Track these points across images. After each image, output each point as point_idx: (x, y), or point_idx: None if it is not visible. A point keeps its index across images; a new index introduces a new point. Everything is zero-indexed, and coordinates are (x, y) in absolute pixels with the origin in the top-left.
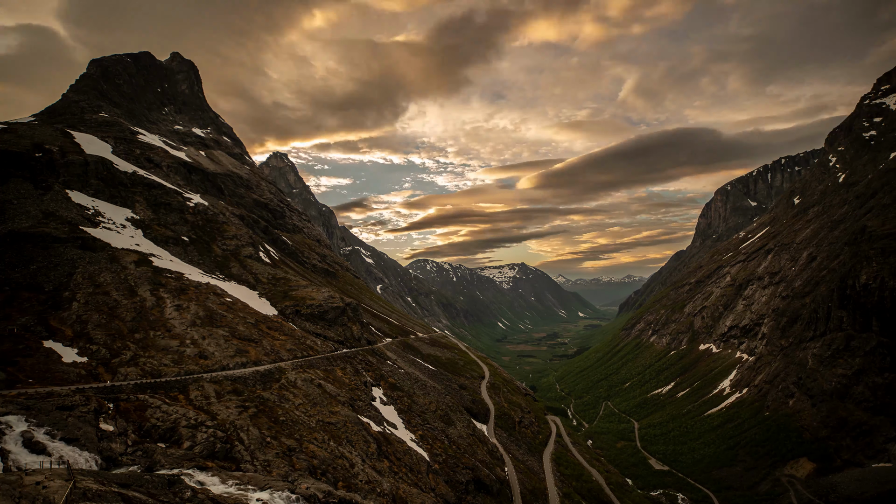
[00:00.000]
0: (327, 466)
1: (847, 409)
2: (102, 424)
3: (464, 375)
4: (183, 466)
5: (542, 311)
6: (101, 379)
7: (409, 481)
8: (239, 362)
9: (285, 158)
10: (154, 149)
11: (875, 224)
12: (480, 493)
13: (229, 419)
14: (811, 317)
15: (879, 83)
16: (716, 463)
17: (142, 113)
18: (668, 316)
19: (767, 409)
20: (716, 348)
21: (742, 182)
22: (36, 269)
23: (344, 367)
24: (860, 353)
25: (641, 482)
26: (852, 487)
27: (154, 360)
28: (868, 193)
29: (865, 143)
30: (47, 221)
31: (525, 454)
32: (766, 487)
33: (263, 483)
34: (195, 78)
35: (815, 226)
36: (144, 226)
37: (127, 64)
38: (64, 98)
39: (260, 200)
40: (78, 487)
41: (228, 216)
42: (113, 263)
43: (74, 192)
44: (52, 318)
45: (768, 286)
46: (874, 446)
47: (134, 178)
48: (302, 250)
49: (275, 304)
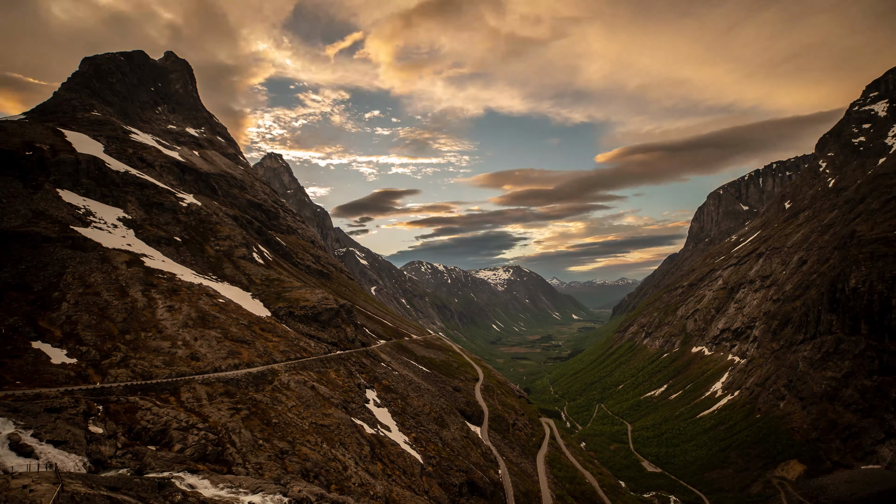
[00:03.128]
0: (320, 469)
1: (836, 412)
2: (92, 427)
3: (458, 377)
4: (173, 469)
5: (537, 314)
6: (90, 380)
7: (403, 484)
8: (231, 364)
9: (280, 159)
10: (147, 148)
11: (864, 229)
12: (474, 495)
13: (221, 421)
14: (801, 320)
15: (868, 90)
16: (708, 465)
17: (135, 112)
18: (661, 319)
19: (758, 411)
20: (708, 351)
21: (734, 186)
22: (25, 268)
23: (338, 369)
24: (849, 356)
25: (634, 484)
26: (842, 489)
27: (145, 361)
28: (857, 198)
29: (854, 148)
30: (37, 221)
31: (519, 456)
32: (757, 489)
33: (255, 486)
34: (189, 77)
35: (806, 230)
36: (136, 226)
37: (120, 62)
38: (56, 96)
39: (254, 201)
40: (66, 491)
41: (222, 217)
42: (104, 264)
43: (65, 191)
44: (41, 318)
45: (760, 290)
46: (863, 448)
47: (126, 177)
48: (296, 251)
49: (268, 306)
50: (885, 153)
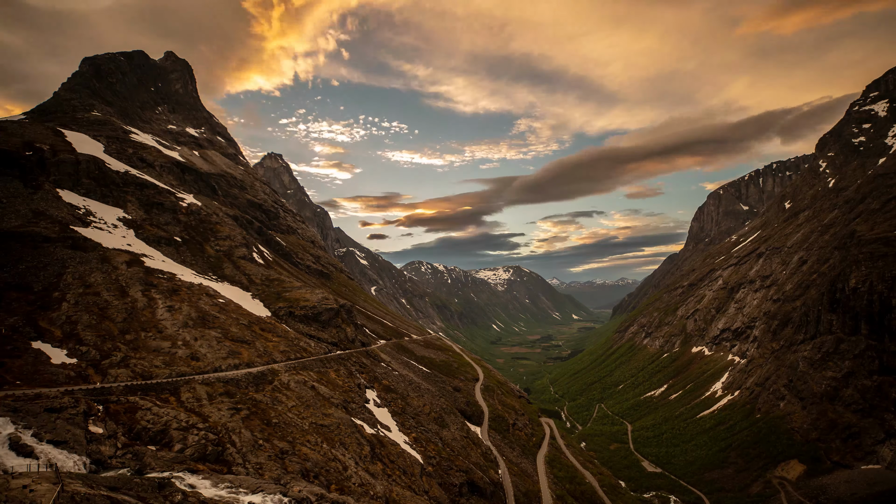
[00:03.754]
0: (320, 469)
1: (836, 412)
2: (92, 427)
3: (458, 377)
4: (174, 469)
5: (537, 314)
6: (90, 380)
7: (403, 484)
8: (231, 364)
9: (280, 159)
10: (147, 148)
11: (864, 229)
12: (474, 495)
13: (221, 421)
14: (802, 320)
15: (868, 90)
16: (708, 465)
17: (135, 112)
18: (661, 319)
19: (759, 411)
20: (708, 351)
21: (734, 186)
22: (25, 268)
23: (338, 369)
24: (849, 356)
25: (634, 484)
26: (842, 489)
27: (145, 361)
28: (857, 198)
29: (855, 148)
30: (37, 221)
31: (519, 456)
32: (757, 489)
33: (255, 486)
34: (189, 77)
35: (806, 230)
36: (136, 226)
37: (120, 62)
38: (55, 96)
39: (254, 201)
40: (66, 491)
41: (222, 217)
42: (104, 264)
43: (65, 191)
44: (41, 318)
45: (760, 289)
46: (863, 448)
47: (126, 177)
48: (296, 251)
49: (268, 306)
50: (886, 153)
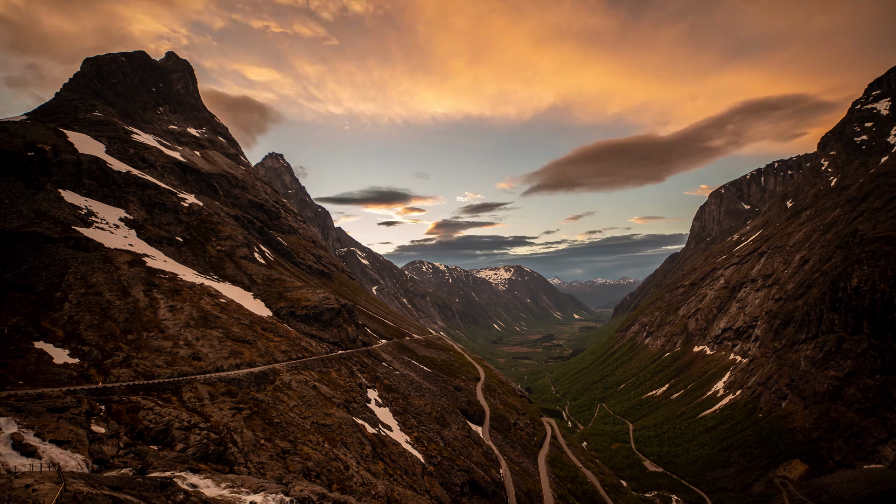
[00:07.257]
0: (322, 468)
1: (839, 411)
2: (94, 426)
3: (459, 377)
4: (175, 469)
5: (538, 313)
6: (92, 380)
7: (404, 483)
8: (233, 364)
9: (281, 159)
10: (148, 148)
11: (866, 227)
12: (475, 495)
13: (223, 421)
14: (804, 319)
15: (871, 88)
16: (710, 464)
17: (136, 112)
18: (663, 318)
19: (761, 410)
20: (710, 350)
21: (735, 185)
22: (27, 269)
23: (339, 369)
24: (852, 356)
25: (636, 484)
26: (844, 489)
27: (147, 361)
28: (859, 197)
29: (857, 147)
30: (39, 221)
31: (520, 456)
32: (759, 489)
33: (257, 485)
34: (190, 78)
35: (808, 229)
36: (138, 226)
37: (121, 63)
38: (57, 97)
39: (255, 201)
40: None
41: (223, 217)
42: (106, 264)
43: (67, 191)
44: (44, 318)
45: (762, 289)
46: (865, 447)
47: (128, 177)
48: (297, 251)
49: (269, 306)
50: (888, 152)
